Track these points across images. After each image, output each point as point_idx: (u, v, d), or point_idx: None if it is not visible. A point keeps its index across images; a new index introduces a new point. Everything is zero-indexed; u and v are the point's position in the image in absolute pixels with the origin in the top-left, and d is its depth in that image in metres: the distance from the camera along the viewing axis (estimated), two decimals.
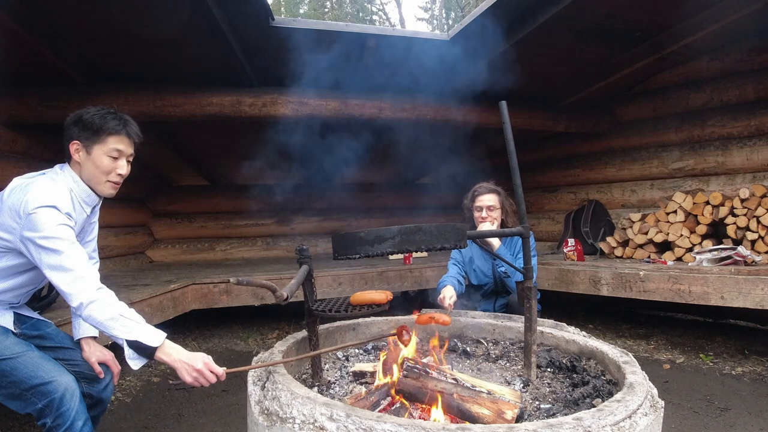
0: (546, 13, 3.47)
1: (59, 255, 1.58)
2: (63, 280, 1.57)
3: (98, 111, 1.77)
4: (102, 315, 1.55)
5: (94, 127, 1.74)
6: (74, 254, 1.60)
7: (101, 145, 1.75)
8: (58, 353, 1.83)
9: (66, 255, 1.58)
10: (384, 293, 1.87)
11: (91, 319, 1.56)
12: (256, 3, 3.13)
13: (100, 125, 1.74)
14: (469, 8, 17.26)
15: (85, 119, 1.74)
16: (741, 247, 3.69)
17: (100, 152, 1.76)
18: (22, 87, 3.66)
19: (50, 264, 1.58)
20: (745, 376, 3.31)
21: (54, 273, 1.58)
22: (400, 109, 4.38)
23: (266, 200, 6.46)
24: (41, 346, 1.81)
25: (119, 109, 1.84)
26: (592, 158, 5.64)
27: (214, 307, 4.07)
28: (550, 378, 1.82)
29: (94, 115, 1.75)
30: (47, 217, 1.59)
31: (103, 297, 1.58)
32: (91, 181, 1.79)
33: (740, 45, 4.31)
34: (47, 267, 1.59)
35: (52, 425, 1.62)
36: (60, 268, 1.57)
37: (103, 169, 1.77)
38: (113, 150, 1.77)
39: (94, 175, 1.78)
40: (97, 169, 1.76)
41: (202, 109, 3.94)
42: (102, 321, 1.55)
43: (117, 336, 1.54)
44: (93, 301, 1.55)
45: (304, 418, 1.23)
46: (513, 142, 1.84)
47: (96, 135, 1.74)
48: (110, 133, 1.75)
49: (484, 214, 2.99)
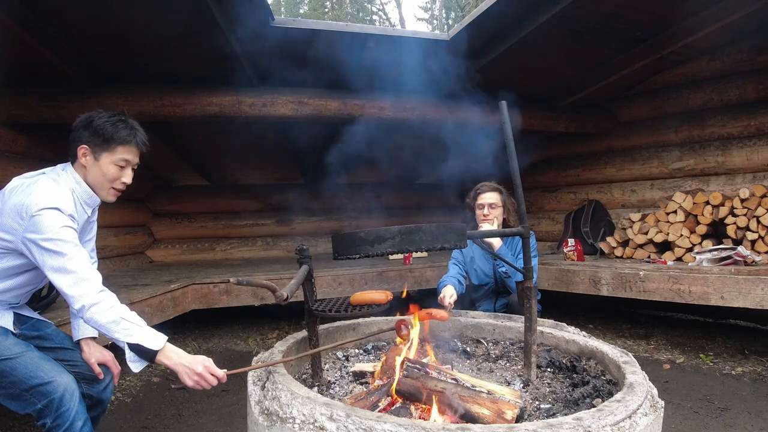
0: (546, 13, 3.47)
1: (62, 257, 1.58)
2: (66, 283, 1.57)
3: (110, 118, 1.77)
4: (104, 318, 1.55)
5: (105, 135, 1.74)
6: (77, 257, 1.60)
7: (110, 154, 1.76)
8: (57, 354, 1.83)
9: (69, 257, 1.58)
10: (384, 293, 1.87)
11: (93, 321, 1.56)
12: (256, 3, 3.13)
13: (111, 134, 1.75)
14: (469, 8, 17.26)
15: (96, 125, 1.74)
16: (741, 247, 3.69)
17: (108, 161, 1.77)
18: (22, 87, 3.66)
19: (53, 266, 1.58)
20: (745, 376, 3.31)
21: (57, 275, 1.58)
22: (400, 109, 4.38)
23: (266, 200, 6.47)
24: (41, 346, 1.81)
25: (129, 114, 1.84)
26: (592, 158, 5.64)
27: (214, 307, 4.07)
28: (550, 378, 1.82)
29: (106, 122, 1.75)
30: (51, 219, 1.59)
31: (106, 300, 1.58)
32: (95, 186, 1.81)
33: (740, 45, 4.31)
34: (50, 269, 1.59)
35: (52, 425, 1.62)
36: (63, 270, 1.57)
37: (109, 177, 1.79)
38: (121, 160, 1.78)
39: (99, 181, 1.79)
40: (103, 176, 1.78)
41: (202, 109, 3.94)
42: (104, 324, 1.55)
43: (118, 339, 1.55)
44: (95, 303, 1.56)
45: (304, 418, 1.23)
46: (513, 142, 1.84)
47: (106, 143, 1.75)
48: (120, 143, 1.77)
49: (486, 212, 3.00)
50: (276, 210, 6.53)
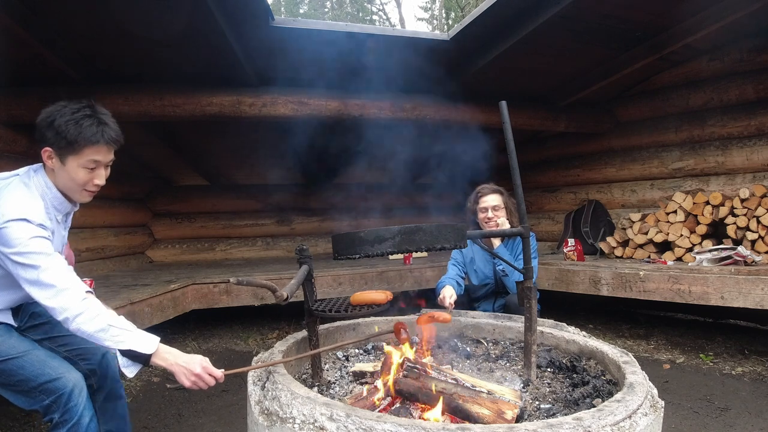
0: (546, 13, 3.47)
1: (36, 270, 1.49)
2: (44, 296, 1.49)
3: (73, 115, 1.59)
4: (91, 327, 1.48)
5: (69, 137, 1.57)
6: (52, 267, 1.51)
7: (76, 157, 1.60)
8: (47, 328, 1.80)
9: (43, 269, 1.49)
10: (384, 293, 1.87)
11: (80, 332, 1.49)
12: (256, 3, 3.13)
13: (75, 136, 1.57)
14: (469, 8, 17.26)
15: (57, 125, 1.57)
16: (741, 247, 3.69)
17: (75, 164, 1.61)
18: (22, 87, 3.66)
19: (27, 279, 1.50)
20: (745, 376, 3.31)
21: (33, 288, 1.50)
22: (400, 109, 4.38)
23: (266, 200, 6.48)
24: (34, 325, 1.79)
25: (98, 103, 1.67)
26: (592, 158, 5.63)
27: (214, 307, 4.07)
28: (550, 378, 1.82)
29: (69, 122, 1.57)
30: (18, 232, 1.50)
31: (90, 308, 1.49)
32: (65, 190, 1.68)
33: (740, 45, 4.31)
34: (25, 282, 1.51)
35: (59, 420, 1.60)
36: (38, 283, 1.49)
37: (79, 182, 1.65)
38: (90, 162, 1.62)
39: (69, 186, 1.66)
40: (72, 181, 1.64)
41: (202, 109, 3.94)
42: (92, 333, 1.48)
43: (109, 347, 1.50)
44: (80, 313, 1.48)
45: (304, 418, 1.23)
46: (513, 142, 1.84)
47: (70, 146, 1.58)
48: (86, 144, 1.59)
49: (490, 215, 2.99)
50: (276, 210, 6.53)
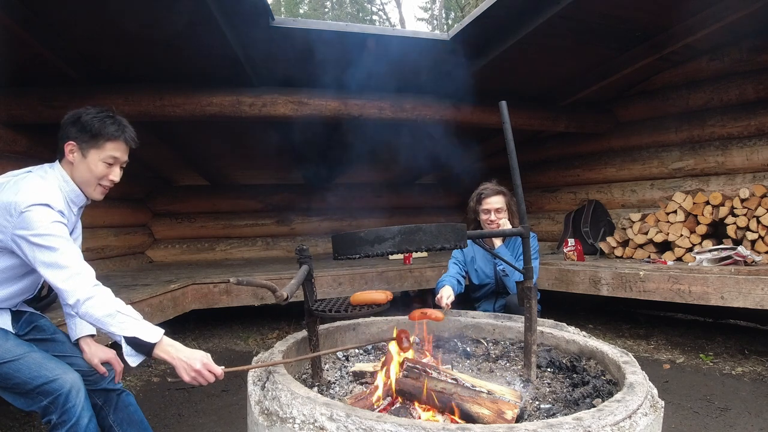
0: (546, 13, 3.47)
1: (54, 252, 1.56)
2: (59, 277, 1.55)
3: (97, 114, 1.74)
4: (99, 311, 1.54)
5: (93, 131, 1.71)
6: (69, 251, 1.59)
7: (98, 151, 1.74)
8: (48, 345, 1.81)
9: (61, 252, 1.56)
10: (384, 293, 1.86)
11: (88, 316, 1.55)
12: (256, 3, 3.13)
13: (99, 130, 1.72)
14: (469, 8, 17.26)
15: (83, 121, 1.72)
16: (741, 247, 3.69)
17: (96, 157, 1.74)
18: (22, 87, 3.66)
19: (45, 261, 1.56)
20: (745, 376, 3.31)
21: (49, 270, 1.56)
22: (400, 109, 4.38)
23: (266, 200, 6.48)
24: (36, 338, 1.80)
25: (118, 111, 1.82)
26: (592, 158, 5.63)
27: (214, 307, 4.07)
28: (550, 378, 1.82)
29: (94, 118, 1.72)
30: (40, 215, 1.57)
31: (100, 293, 1.56)
32: (82, 183, 1.78)
33: (740, 45, 4.31)
34: (42, 264, 1.57)
35: (58, 421, 1.61)
36: (55, 265, 1.56)
37: (97, 174, 1.76)
38: (109, 157, 1.76)
39: (87, 178, 1.76)
40: (90, 173, 1.75)
41: (202, 109, 3.94)
42: (99, 317, 1.54)
43: (114, 333, 1.54)
44: (90, 297, 1.54)
45: (304, 418, 1.23)
46: (513, 142, 1.84)
47: (94, 139, 1.72)
48: (108, 138, 1.74)
49: (493, 218, 2.98)
50: (276, 210, 6.54)
